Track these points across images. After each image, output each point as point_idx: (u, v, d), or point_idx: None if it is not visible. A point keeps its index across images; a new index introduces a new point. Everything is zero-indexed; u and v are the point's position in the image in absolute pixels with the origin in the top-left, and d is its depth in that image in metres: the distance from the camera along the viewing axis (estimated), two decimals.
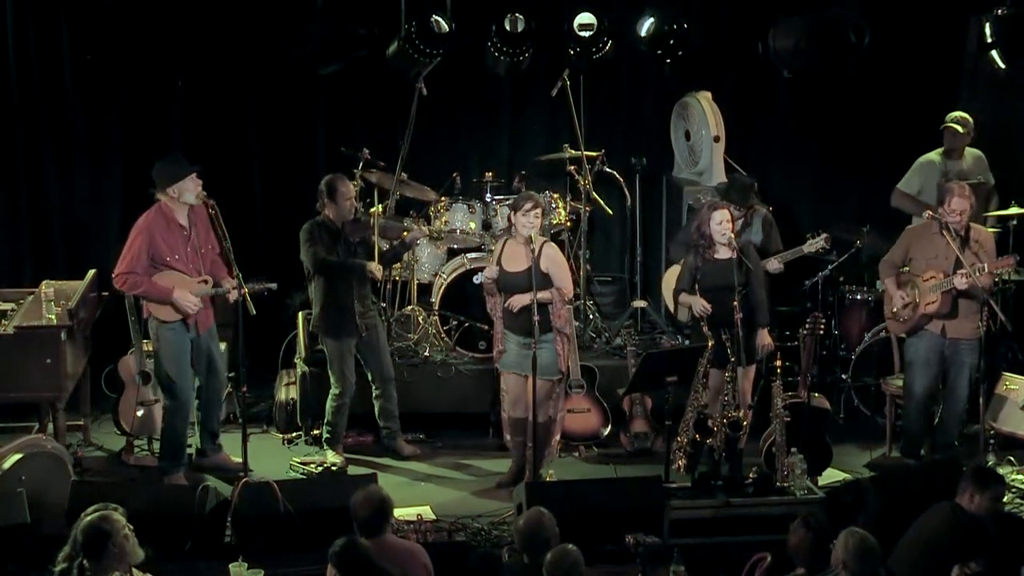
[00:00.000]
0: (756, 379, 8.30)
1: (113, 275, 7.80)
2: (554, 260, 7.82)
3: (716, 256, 7.97)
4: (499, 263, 7.89)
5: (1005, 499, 7.65)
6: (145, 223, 7.76)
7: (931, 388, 8.34)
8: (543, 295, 7.66)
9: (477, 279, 8.64)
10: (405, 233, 8.74)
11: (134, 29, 9.66)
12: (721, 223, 7.93)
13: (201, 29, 9.68)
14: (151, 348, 8.43)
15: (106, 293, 8.63)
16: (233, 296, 7.77)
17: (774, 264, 8.64)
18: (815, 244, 8.67)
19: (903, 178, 9.52)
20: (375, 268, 8.23)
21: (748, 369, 7.99)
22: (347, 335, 8.29)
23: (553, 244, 8.02)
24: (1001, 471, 7.83)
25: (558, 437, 8.15)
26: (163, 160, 7.93)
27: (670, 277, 9.26)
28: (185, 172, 7.75)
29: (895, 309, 8.33)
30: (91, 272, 8.65)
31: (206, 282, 7.84)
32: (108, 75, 9.84)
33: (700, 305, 7.90)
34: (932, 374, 8.27)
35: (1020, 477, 8.12)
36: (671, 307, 9.33)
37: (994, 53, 9.66)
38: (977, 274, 7.90)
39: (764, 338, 8.08)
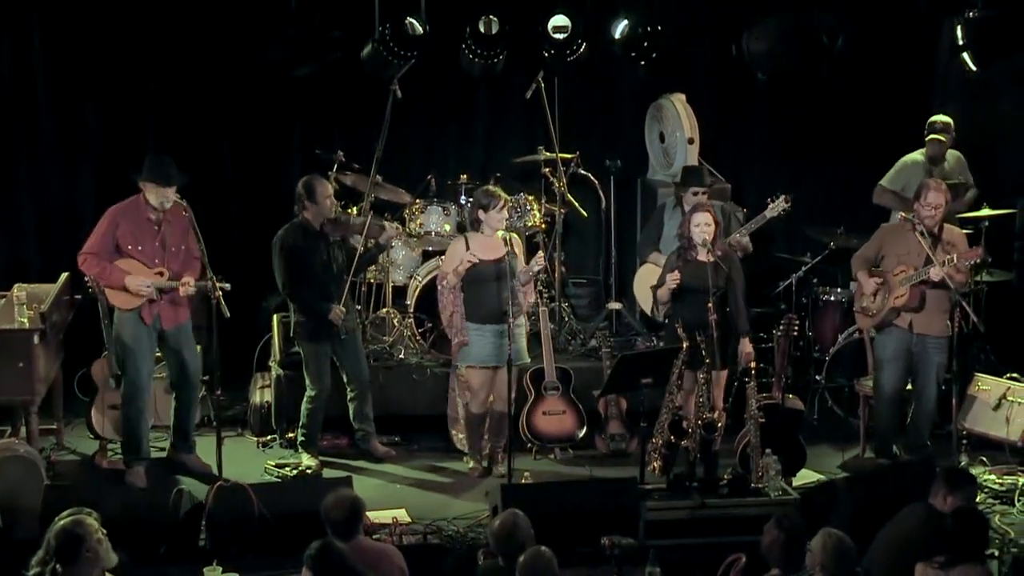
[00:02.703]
0: (730, 382, 8.34)
1: (77, 254, 7.86)
2: (519, 244, 8.34)
3: (696, 257, 7.99)
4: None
5: (978, 499, 7.72)
6: (114, 210, 7.88)
7: (901, 385, 8.38)
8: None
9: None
10: (379, 239, 8.72)
11: (106, 32, 9.61)
12: (699, 225, 7.97)
13: (174, 31, 9.64)
14: None
15: (79, 296, 8.58)
16: (183, 289, 7.79)
17: (738, 237, 8.65)
18: (776, 207, 8.63)
19: (886, 175, 9.58)
20: (336, 315, 8.20)
21: (721, 372, 8.03)
22: (325, 338, 8.28)
23: (513, 235, 8.33)
24: (974, 471, 7.88)
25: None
26: (153, 157, 7.92)
27: (641, 276, 9.30)
28: (154, 180, 7.74)
29: (864, 303, 8.36)
30: (64, 275, 8.60)
31: (160, 275, 7.83)
32: (81, 78, 9.79)
33: (670, 278, 7.92)
34: (901, 370, 8.31)
35: (992, 477, 8.16)
36: (643, 306, 9.38)
37: (966, 56, 9.72)
38: (947, 265, 7.94)
39: (746, 346, 8.10)
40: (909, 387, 8.46)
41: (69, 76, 9.77)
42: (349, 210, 9.08)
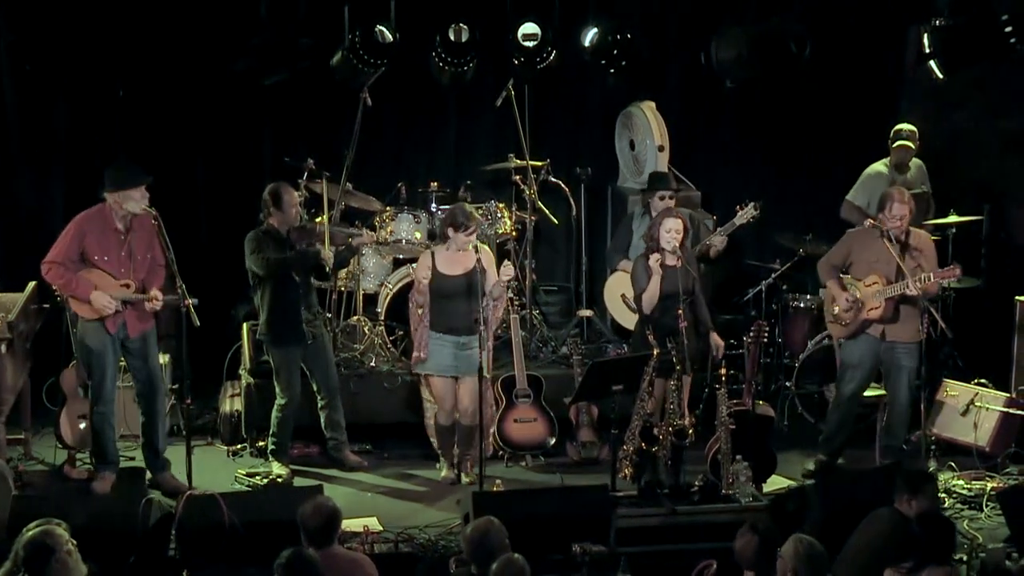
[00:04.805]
0: (701, 386, 8.37)
1: (41, 262, 7.76)
2: (489, 256, 8.18)
3: (665, 263, 8.02)
4: (434, 269, 8.02)
5: (947, 504, 7.78)
6: (80, 218, 7.78)
7: (862, 390, 8.42)
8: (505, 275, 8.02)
9: None
10: (350, 239, 8.72)
11: (74, 39, 9.55)
12: (670, 231, 8.00)
13: (143, 38, 9.59)
14: None
15: (47, 305, 8.53)
16: (149, 305, 7.73)
17: (717, 239, 8.69)
18: (746, 215, 8.72)
19: (851, 190, 9.63)
20: (328, 255, 8.19)
21: (689, 378, 8.06)
22: (294, 343, 8.24)
23: (483, 246, 8.28)
24: (942, 477, 7.94)
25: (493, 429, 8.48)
26: (116, 165, 7.88)
27: (611, 285, 9.31)
28: (133, 182, 7.67)
29: (836, 312, 8.38)
30: (31, 284, 8.54)
31: (127, 286, 7.76)
32: (48, 85, 9.74)
33: (652, 259, 7.93)
34: (866, 377, 8.36)
35: (961, 482, 8.19)
36: (614, 314, 9.40)
37: (932, 64, 9.78)
38: (924, 281, 7.98)
39: (716, 339, 8.17)
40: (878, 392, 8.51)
41: (36, 82, 9.71)
42: (318, 219, 9.07)
